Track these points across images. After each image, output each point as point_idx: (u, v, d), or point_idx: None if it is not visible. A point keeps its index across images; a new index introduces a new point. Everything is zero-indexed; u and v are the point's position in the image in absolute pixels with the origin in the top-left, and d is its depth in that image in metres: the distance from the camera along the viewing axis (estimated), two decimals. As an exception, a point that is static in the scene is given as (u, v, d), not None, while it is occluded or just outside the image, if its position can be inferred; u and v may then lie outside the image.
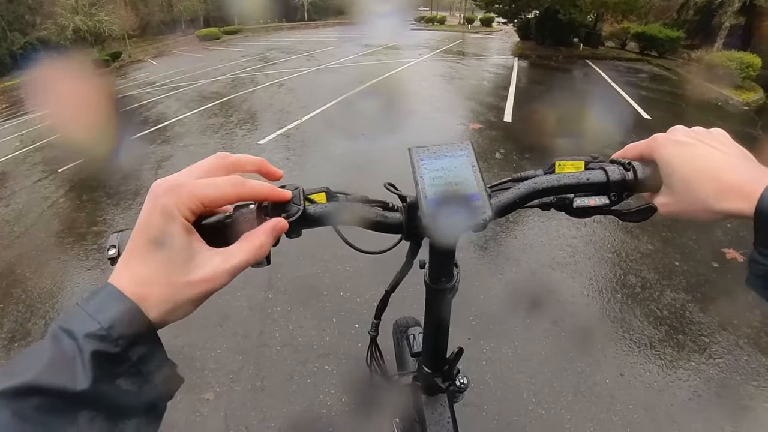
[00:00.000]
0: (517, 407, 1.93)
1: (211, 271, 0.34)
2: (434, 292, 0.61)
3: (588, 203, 0.47)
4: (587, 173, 0.47)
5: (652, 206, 0.47)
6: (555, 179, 0.48)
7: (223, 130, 6.41)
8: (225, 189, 0.35)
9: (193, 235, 0.34)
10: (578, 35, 15.26)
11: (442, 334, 0.69)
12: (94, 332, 0.29)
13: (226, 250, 0.36)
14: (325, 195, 0.47)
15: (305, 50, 16.21)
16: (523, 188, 0.48)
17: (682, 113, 7.35)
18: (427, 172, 0.46)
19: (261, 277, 2.74)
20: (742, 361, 2.16)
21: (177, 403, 1.98)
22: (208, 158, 0.38)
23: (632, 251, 3.05)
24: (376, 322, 0.78)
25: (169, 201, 0.33)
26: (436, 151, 0.48)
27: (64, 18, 20.65)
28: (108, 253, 0.40)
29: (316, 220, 0.44)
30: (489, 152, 5.08)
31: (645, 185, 0.46)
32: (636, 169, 0.46)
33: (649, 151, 0.46)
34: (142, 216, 0.34)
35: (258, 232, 0.38)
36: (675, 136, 0.44)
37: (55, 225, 4.07)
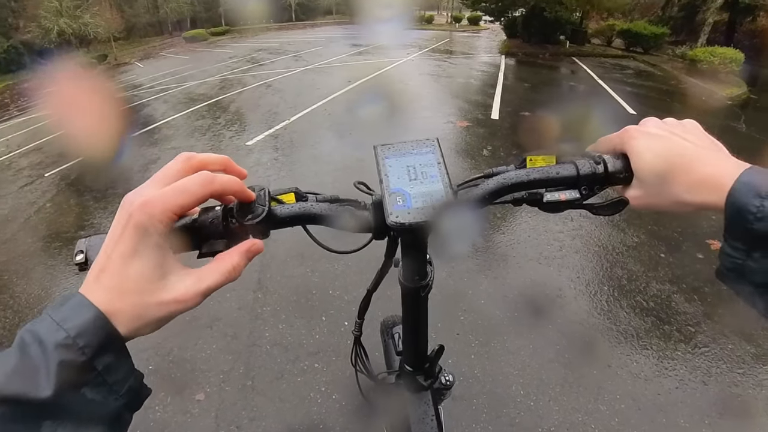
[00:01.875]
0: (506, 400, 1.94)
1: (183, 292, 0.34)
2: (409, 291, 0.61)
3: (558, 198, 0.47)
4: (557, 167, 0.47)
5: (623, 199, 0.46)
6: (524, 174, 0.47)
7: (211, 131, 6.37)
8: (196, 191, 0.35)
9: (166, 252, 0.34)
10: (564, 33, 15.39)
11: (420, 332, 0.68)
12: (61, 341, 0.28)
13: (199, 271, 0.36)
14: (294, 195, 0.47)
15: (293, 51, 16.15)
16: (492, 184, 0.47)
17: (667, 108, 7.43)
18: (392, 170, 0.46)
19: (250, 277, 2.73)
20: (727, 349, 2.20)
21: (167, 405, 1.97)
22: (174, 161, 0.37)
23: (618, 244, 3.08)
24: (359, 321, 0.78)
25: (142, 218, 0.32)
26: (401, 148, 0.48)
27: (48, 21, 20.35)
28: (75, 258, 0.40)
29: (283, 220, 0.44)
30: (477, 149, 5.11)
31: (616, 178, 0.45)
32: (606, 163, 0.45)
33: (621, 143, 0.45)
34: (114, 231, 0.33)
35: (232, 253, 0.38)
36: (646, 127, 0.44)
37: (42, 230, 4.01)
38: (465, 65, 11.92)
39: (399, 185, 0.44)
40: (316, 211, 0.45)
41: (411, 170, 0.46)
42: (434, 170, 0.46)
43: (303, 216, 0.45)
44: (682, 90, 9.04)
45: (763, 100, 8.57)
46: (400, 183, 0.45)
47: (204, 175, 0.36)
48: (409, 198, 0.43)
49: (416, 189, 0.44)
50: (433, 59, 12.89)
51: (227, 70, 12.53)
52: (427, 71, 10.66)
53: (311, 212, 0.45)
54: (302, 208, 0.45)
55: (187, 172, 0.36)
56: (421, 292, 0.60)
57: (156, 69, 15.08)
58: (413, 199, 0.43)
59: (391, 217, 0.42)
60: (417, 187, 0.44)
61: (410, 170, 0.46)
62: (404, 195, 0.43)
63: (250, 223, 0.40)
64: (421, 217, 0.42)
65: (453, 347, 2.19)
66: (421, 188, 0.44)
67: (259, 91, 9.06)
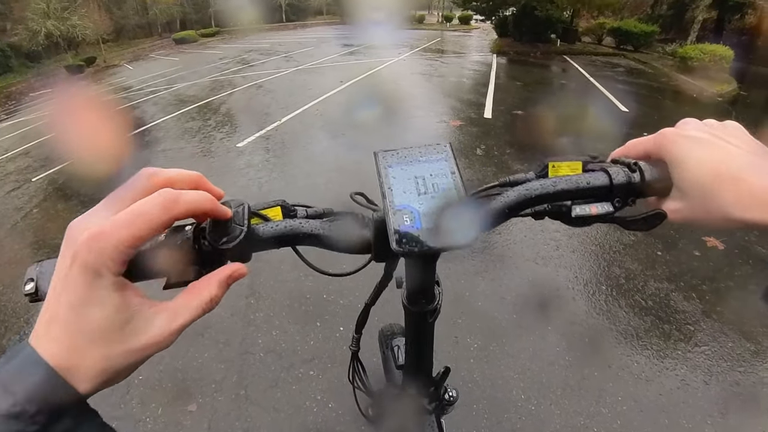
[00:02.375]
0: (506, 405, 1.90)
1: (154, 334, 0.29)
2: (413, 316, 0.55)
3: (589, 211, 0.41)
4: (587, 176, 0.41)
5: (660, 212, 0.40)
6: (550, 184, 0.41)
7: (201, 133, 6.29)
8: (155, 215, 0.28)
9: (127, 292, 0.29)
10: (555, 31, 15.45)
11: (425, 355, 0.63)
12: (7, 409, 0.24)
13: (171, 307, 0.31)
14: (281, 209, 0.41)
15: (284, 51, 16.06)
16: (513, 196, 0.41)
17: (658, 105, 7.48)
18: (397, 182, 0.39)
19: (242, 282, 2.66)
20: (727, 347, 2.18)
21: (158, 417, 1.91)
22: (133, 179, 0.31)
23: (615, 243, 3.06)
24: (356, 336, 0.73)
25: (90, 257, 0.26)
26: (407, 155, 0.42)
27: (35, 23, 20.12)
28: (25, 288, 0.33)
29: (266, 241, 0.38)
30: (470, 148, 5.08)
31: (653, 189, 0.40)
32: (643, 170, 0.40)
33: (657, 148, 0.40)
34: (59, 270, 0.28)
35: (208, 282, 0.32)
36: (686, 130, 0.39)
37: (29, 236, 3.93)
38: (457, 64, 11.90)
39: (405, 200, 0.38)
40: (305, 230, 0.39)
41: (420, 182, 0.39)
42: (447, 181, 0.39)
43: (290, 236, 0.39)
44: (673, 87, 9.09)
45: (752, 96, 8.65)
46: (406, 198, 0.38)
47: (165, 195, 0.29)
48: (418, 216, 0.37)
49: (427, 205, 0.38)
50: (424, 59, 12.86)
51: (217, 72, 12.42)
52: (419, 71, 10.63)
53: (300, 231, 0.39)
54: (289, 227, 0.39)
55: (148, 193, 0.30)
56: (428, 317, 0.54)
57: (146, 71, 14.93)
58: (423, 218, 0.37)
59: (395, 243, 0.36)
60: (427, 203, 0.38)
61: (419, 182, 0.39)
62: (412, 212, 0.37)
63: (226, 247, 0.34)
64: (433, 240, 0.36)
65: (451, 352, 2.15)
66: (432, 204, 0.38)
67: (250, 92, 8.98)
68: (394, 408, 0.76)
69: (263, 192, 4.08)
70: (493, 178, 0.46)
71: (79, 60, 19.46)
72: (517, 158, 4.72)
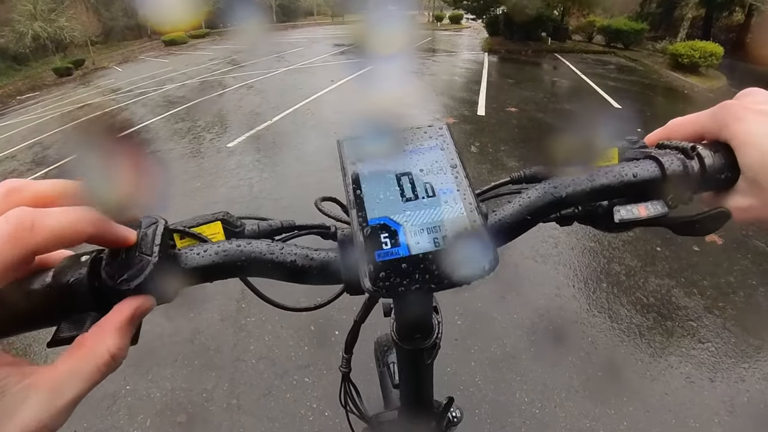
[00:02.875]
0: (509, 408, 1.84)
1: (31, 420, 0.20)
2: (406, 353, 0.43)
3: (638, 214, 0.32)
4: (632, 166, 0.31)
5: (724, 211, 0.31)
6: (586, 180, 0.31)
7: (191, 134, 6.18)
8: (7, 259, 0.20)
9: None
10: (546, 30, 15.49)
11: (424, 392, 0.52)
12: None
13: (51, 377, 0.22)
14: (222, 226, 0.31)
15: (275, 52, 15.93)
16: (536, 197, 0.31)
17: (650, 101, 7.48)
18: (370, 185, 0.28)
19: (234, 286, 2.58)
20: (731, 343, 2.14)
21: (147, 429, 1.83)
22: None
23: (614, 239, 3.01)
24: (346, 357, 0.64)
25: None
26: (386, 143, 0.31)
27: (22, 25, 19.85)
28: None
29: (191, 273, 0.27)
30: (464, 146, 5.02)
31: (716, 180, 0.31)
32: (703, 156, 0.30)
33: (718, 127, 0.31)
34: None
35: (102, 332, 0.23)
36: (755, 103, 0.30)
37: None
38: (448, 63, 11.87)
39: (383, 211, 0.27)
40: (247, 255, 0.28)
41: (405, 182, 0.28)
42: (447, 180, 0.28)
43: (227, 265, 0.28)
44: (664, 84, 9.12)
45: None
46: (384, 207, 0.27)
47: (16, 219, 0.20)
48: (404, 235, 0.26)
49: (415, 217, 0.26)
50: (416, 57, 12.82)
51: (207, 73, 12.28)
52: (411, 69, 10.58)
53: (239, 258, 0.28)
54: (223, 253, 0.27)
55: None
56: (426, 357, 0.42)
57: (135, 73, 14.75)
58: (410, 239, 0.25)
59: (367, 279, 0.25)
60: (416, 214, 0.26)
61: (403, 182, 0.28)
62: (394, 230, 0.26)
63: (126, 287, 0.24)
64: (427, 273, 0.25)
65: (452, 354, 2.08)
66: (423, 215, 0.26)
67: (240, 92, 8.87)
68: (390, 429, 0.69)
69: (254, 192, 3.99)
70: (489, 176, 0.38)
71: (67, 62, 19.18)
72: (512, 155, 4.68)
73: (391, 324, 0.43)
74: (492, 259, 0.26)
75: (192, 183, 4.31)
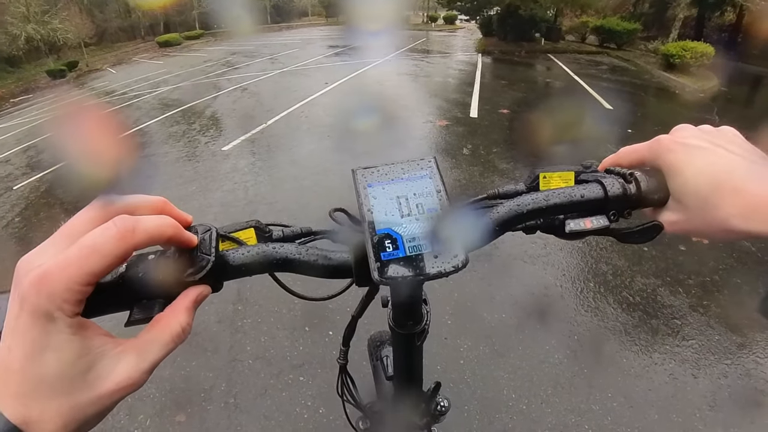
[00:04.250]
0: (497, 404, 1.90)
1: (123, 377, 0.27)
2: (400, 337, 0.53)
3: (584, 226, 0.39)
4: (580, 188, 0.39)
5: (657, 224, 0.39)
6: (543, 198, 0.39)
7: (186, 137, 6.21)
8: (110, 248, 0.25)
9: (87, 332, 0.26)
10: (539, 30, 15.59)
11: (415, 375, 0.61)
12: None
13: (138, 345, 0.28)
14: (254, 231, 0.38)
15: (269, 53, 15.95)
16: (504, 212, 0.39)
17: (642, 102, 7.57)
18: (378, 203, 0.36)
19: (230, 288, 2.63)
20: (714, 340, 2.21)
21: (147, 428, 1.88)
22: (87, 208, 0.29)
23: (602, 239, 3.07)
24: (344, 349, 0.70)
25: (41, 300, 0.24)
26: (388, 172, 0.38)
27: (15, 27, 19.75)
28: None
29: (236, 270, 0.35)
30: (457, 148, 5.09)
31: (650, 200, 0.38)
32: (639, 181, 0.38)
33: (653, 156, 0.38)
34: (9, 316, 0.25)
35: (175, 312, 0.30)
36: (683, 137, 0.37)
37: (11, 246, 3.84)
38: (442, 64, 11.94)
39: (387, 224, 0.35)
40: (280, 256, 0.36)
41: (402, 202, 0.36)
42: (433, 201, 0.36)
43: (264, 263, 0.36)
44: (656, 84, 9.23)
45: (733, 92, 8.81)
46: (388, 220, 0.35)
47: (121, 224, 0.26)
48: (402, 241, 0.34)
49: (410, 228, 0.35)
50: (410, 59, 12.88)
51: (202, 75, 12.30)
52: (405, 71, 10.64)
53: (274, 257, 0.36)
54: (262, 253, 0.36)
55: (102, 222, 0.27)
56: (416, 340, 0.52)
57: (129, 75, 14.74)
58: (407, 243, 0.34)
59: (376, 272, 0.33)
60: (411, 226, 0.35)
61: (401, 202, 0.36)
62: (394, 237, 0.34)
63: (192, 279, 0.31)
64: (418, 267, 0.33)
65: (441, 352, 2.14)
66: (416, 227, 0.35)
67: (235, 95, 8.91)
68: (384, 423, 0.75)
69: (249, 196, 4.03)
70: (480, 178, 0.45)
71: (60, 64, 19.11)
72: (504, 157, 4.74)
73: (389, 314, 0.52)
74: (464, 260, 0.34)
75: (187, 187, 4.35)
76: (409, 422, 0.67)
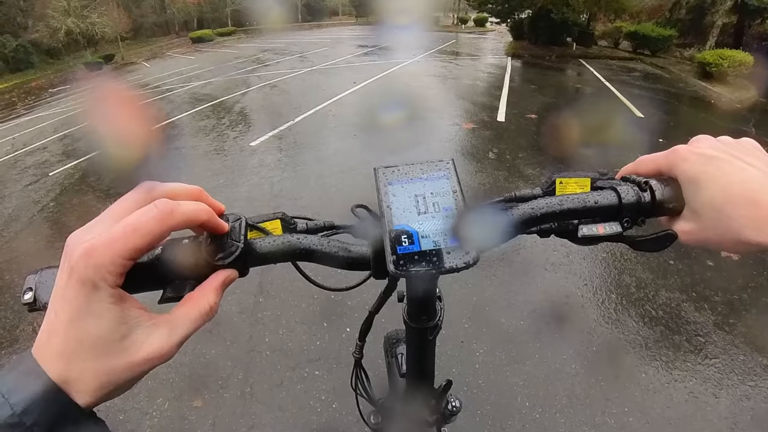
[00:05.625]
0: (510, 411, 1.89)
1: (156, 348, 0.29)
2: (414, 332, 0.55)
3: (596, 232, 0.40)
4: (595, 195, 0.40)
5: (670, 233, 0.39)
6: (556, 203, 0.39)
7: (215, 131, 6.35)
8: (151, 228, 0.28)
9: (125, 304, 0.29)
10: (571, 34, 15.32)
11: (427, 369, 0.63)
12: (5, 419, 0.24)
13: (170, 319, 0.31)
14: (280, 223, 0.41)
15: (298, 51, 16.15)
16: (518, 214, 0.40)
17: (675, 111, 7.36)
18: (396, 200, 0.38)
19: (251, 280, 2.70)
20: (738, 360, 2.14)
21: (165, 411, 1.94)
22: (132, 192, 0.32)
23: (627, 251, 3.02)
24: (360, 343, 0.72)
25: (87, 272, 0.26)
26: (408, 172, 0.40)
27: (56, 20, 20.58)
28: (24, 297, 0.33)
29: (262, 257, 0.37)
30: (482, 152, 5.06)
31: (664, 209, 0.39)
32: (654, 189, 0.38)
33: (669, 166, 0.38)
34: (58, 284, 0.28)
35: (205, 291, 0.32)
36: (700, 148, 0.37)
37: (45, 229, 4.01)
38: (471, 67, 11.87)
39: (404, 220, 0.37)
40: (304, 246, 0.38)
41: (420, 200, 0.38)
42: (448, 200, 0.38)
43: (288, 252, 0.38)
44: (691, 93, 8.95)
45: (772, 103, 8.47)
46: (405, 217, 0.37)
47: (162, 206, 0.29)
48: (417, 237, 0.36)
49: (426, 226, 0.37)
50: (438, 60, 12.84)
51: (233, 71, 12.54)
52: (433, 72, 10.62)
53: (298, 247, 0.38)
54: (287, 243, 0.38)
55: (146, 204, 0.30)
56: (429, 334, 0.54)
57: (162, 69, 15.14)
58: (422, 239, 0.36)
59: (392, 265, 0.35)
60: (427, 223, 0.37)
61: (419, 200, 0.38)
62: (410, 233, 0.36)
63: (222, 263, 0.34)
64: (431, 262, 0.35)
65: (457, 355, 2.15)
66: (431, 225, 0.37)
67: (264, 91, 9.05)
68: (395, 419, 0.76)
69: (275, 191, 4.11)
70: (505, 182, 0.46)
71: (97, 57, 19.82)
72: (530, 163, 4.69)
73: (404, 309, 0.54)
74: (474, 258, 0.35)
75: (215, 179, 4.46)
76: (419, 418, 0.68)
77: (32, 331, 2.59)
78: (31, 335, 2.56)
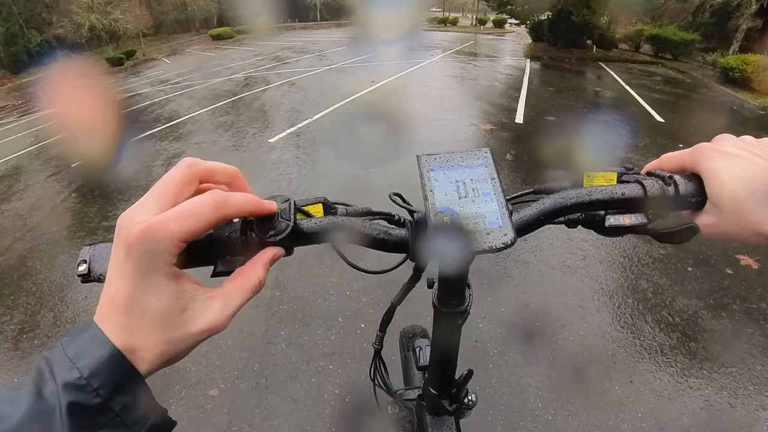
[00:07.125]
0: (523, 412, 1.90)
1: (213, 319, 0.32)
2: (443, 316, 0.57)
3: (623, 222, 0.42)
4: (621, 187, 0.42)
5: (693, 227, 0.41)
6: (585, 194, 0.42)
7: (234, 128, 6.44)
8: (207, 215, 0.30)
9: (181, 279, 0.31)
10: (591, 37, 15.11)
11: (450, 357, 0.64)
12: (73, 381, 0.26)
13: (224, 293, 0.33)
14: (322, 207, 0.43)
15: (317, 50, 16.25)
16: (549, 204, 0.42)
17: (696, 116, 7.23)
18: (439, 185, 0.41)
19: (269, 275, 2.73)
20: (755, 370, 2.11)
21: (181, 399, 1.99)
22: (176, 168, 0.33)
23: (644, 255, 2.99)
24: (380, 334, 0.73)
25: (145, 250, 0.28)
26: (449, 159, 0.43)
27: (79, 16, 21.02)
28: (78, 268, 0.36)
29: (308, 237, 0.39)
30: (500, 153, 5.04)
31: (687, 202, 0.40)
32: (678, 184, 0.40)
33: (693, 162, 0.40)
34: (114, 261, 0.30)
35: (254, 266, 0.35)
36: (723, 146, 0.39)
37: (67, 219, 4.11)
38: (489, 68, 11.81)
39: (447, 203, 0.39)
40: (347, 227, 0.40)
41: (460, 186, 0.41)
42: (487, 186, 0.41)
43: (332, 233, 0.40)
44: (713, 98, 8.79)
45: (798, 111, 8.27)
46: (447, 201, 0.40)
47: (216, 197, 0.31)
48: (458, 219, 0.38)
49: (466, 208, 0.39)
50: (456, 61, 12.81)
51: (252, 68, 12.67)
52: (451, 73, 10.59)
53: (342, 228, 0.40)
54: (331, 223, 0.40)
55: (190, 181, 0.33)
56: (458, 319, 0.55)
57: (182, 65, 15.36)
58: (462, 221, 0.38)
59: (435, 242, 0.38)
60: (467, 206, 0.39)
61: (459, 186, 0.41)
62: (453, 215, 0.38)
63: (272, 240, 0.36)
64: (471, 242, 0.37)
65: (471, 355, 2.16)
66: (472, 208, 0.39)
67: (283, 89, 9.13)
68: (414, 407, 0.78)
69: (292, 187, 4.15)
70: (522, 184, 0.48)
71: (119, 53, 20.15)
72: (547, 165, 4.66)
73: (434, 294, 0.56)
74: (512, 239, 0.38)
75: (233, 175, 4.52)
76: (438, 406, 0.70)
77: (53, 317, 2.67)
78: (52, 322, 2.63)
